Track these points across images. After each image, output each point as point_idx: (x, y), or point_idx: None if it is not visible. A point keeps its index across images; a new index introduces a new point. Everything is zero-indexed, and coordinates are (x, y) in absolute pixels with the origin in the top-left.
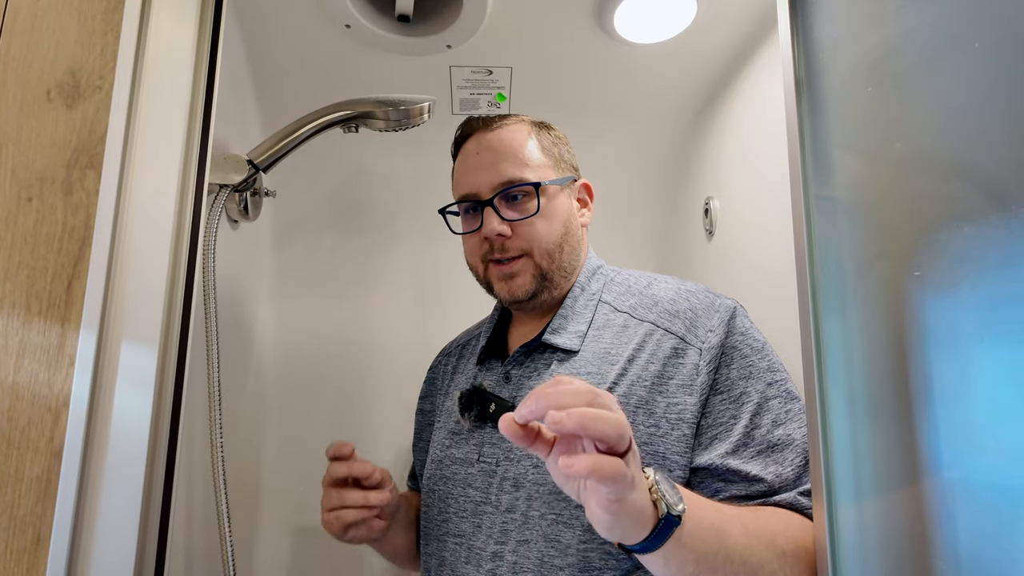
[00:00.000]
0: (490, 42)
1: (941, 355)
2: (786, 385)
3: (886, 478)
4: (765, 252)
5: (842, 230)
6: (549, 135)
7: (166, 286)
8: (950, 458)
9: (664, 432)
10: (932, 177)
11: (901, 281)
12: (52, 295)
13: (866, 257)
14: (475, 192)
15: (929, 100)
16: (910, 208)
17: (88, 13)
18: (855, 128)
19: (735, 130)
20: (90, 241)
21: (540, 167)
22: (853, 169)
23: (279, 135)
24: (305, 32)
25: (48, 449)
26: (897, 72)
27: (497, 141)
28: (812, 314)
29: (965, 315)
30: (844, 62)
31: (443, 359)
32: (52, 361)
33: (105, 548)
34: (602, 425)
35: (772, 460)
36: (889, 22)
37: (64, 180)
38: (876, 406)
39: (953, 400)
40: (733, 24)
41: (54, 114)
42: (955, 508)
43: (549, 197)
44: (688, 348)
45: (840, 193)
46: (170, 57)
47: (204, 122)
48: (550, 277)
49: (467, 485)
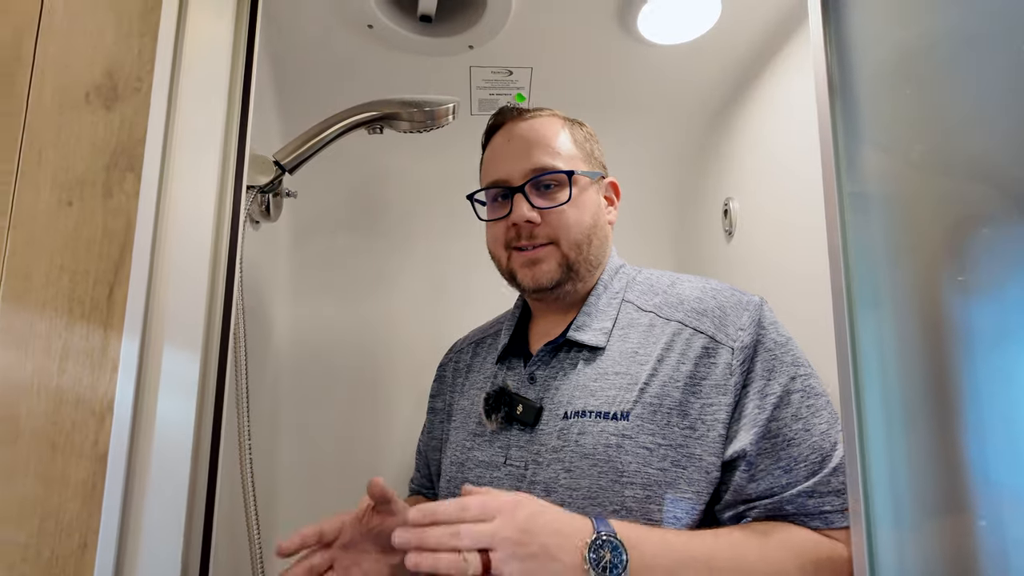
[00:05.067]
0: (512, 43)
1: (983, 357)
2: (809, 380)
3: (927, 488)
4: (787, 252)
5: (876, 229)
6: (581, 130)
7: (207, 289)
8: (996, 465)
9: (700, 434)
10: (971, 174)
11: (939, 281)
12: (94, 299)
13: (902, 256)
14: (506, 178)
15: (963, 98)
16: (947, 206)
17: (125, 14)
18: (888, 126)
19: (756, 130)
20: (131, 245)
21: (572, 158)
22: (886, 167)
23: (305, 136)
24: (327, 32)
25: (93, 453)
26: (932, 69)
27: (530, 130)
28: (847, 316)
29: (1010, 315)
30: (876, 60)
31: (454, 356)
32: (96, 365)
33: (151, 553)
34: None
35: (787, 455)
36: (923, 19)
37: (104, 183)
38: (914, 410)
39: (998, 405)
40: (756, 25)
41: (92, 116)
42: (1003, 517)
43: (580, 188)
44: (720, 347)
45: (873, 191)
46: (208, 57)
47: (241, 122)
48: (576, 268)
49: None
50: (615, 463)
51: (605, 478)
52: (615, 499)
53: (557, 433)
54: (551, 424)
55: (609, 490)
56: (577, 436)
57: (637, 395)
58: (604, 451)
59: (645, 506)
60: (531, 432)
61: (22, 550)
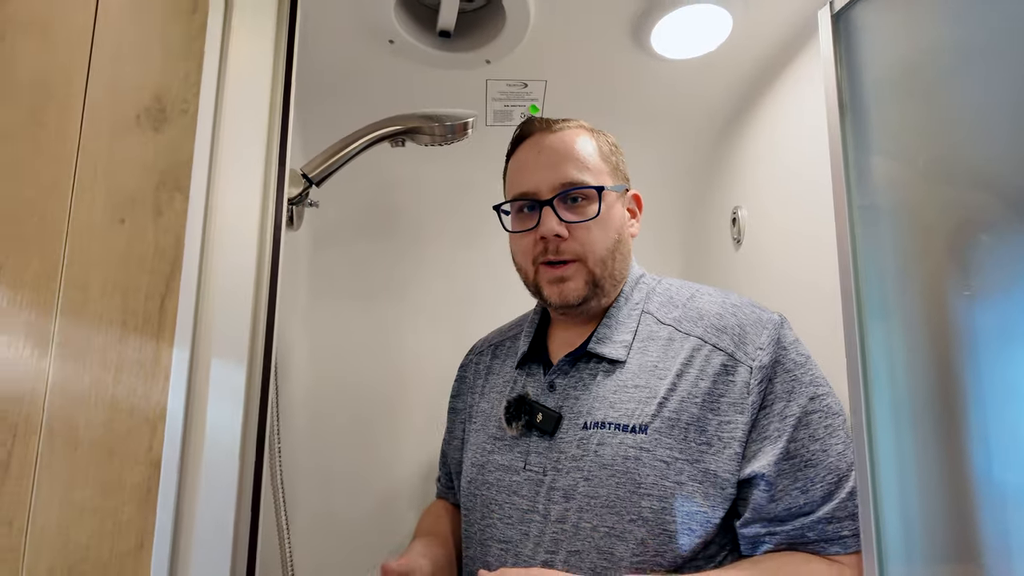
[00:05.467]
0: (528, 57)
1: (993, 368)
2: (827, 400)
3: (934, 494)
4: (793, 261)
5: (885, 240)
6: (607, 142)
7: (252, 301)
8: (1000, 471)
9: (716, 450)
10: (974, 184)
11: (947, 291)
12: (146, 312)
13: (911, 267)
14: (534, 191)
15: (968, 109)
16: (954, 216)
17: (172, 40)
18: (896, 138)
19: (764, 141)
20: (180, 260)
21: (600, 172)
22: (895, 178)
23: (332, 150)
24: (349, 47)
25: (147, 459)
26: (937, 82)
27: (559, 142)
28: (857, 326)
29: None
30: (884, 75)
31: (474, 357)
32: (148, 375)
33: (203, 551)
34: None
35: (804, 476)
36: (929, 33)
37: (153, 202)
38: (923, 419)
39: (1006, 416)
40: (765, 41)
41: (142, 138)
42: (1006, 522)
43: (608, 204)
44: (738, 365)
45: (883, 203)
46: (249, 78)
47: (282, 139)
48: (601, 284)
49: (512, 492)
50: (633, 475)
51: (623, 488)
52: (632, 509)
53: (577, 442)
54: (570, 433)
55: (627, 500)
56: (596, 447)
57: (656, 409)
58: (623, 463)
59: (661, 516)
60: (550, 439)
61: (83, 550)
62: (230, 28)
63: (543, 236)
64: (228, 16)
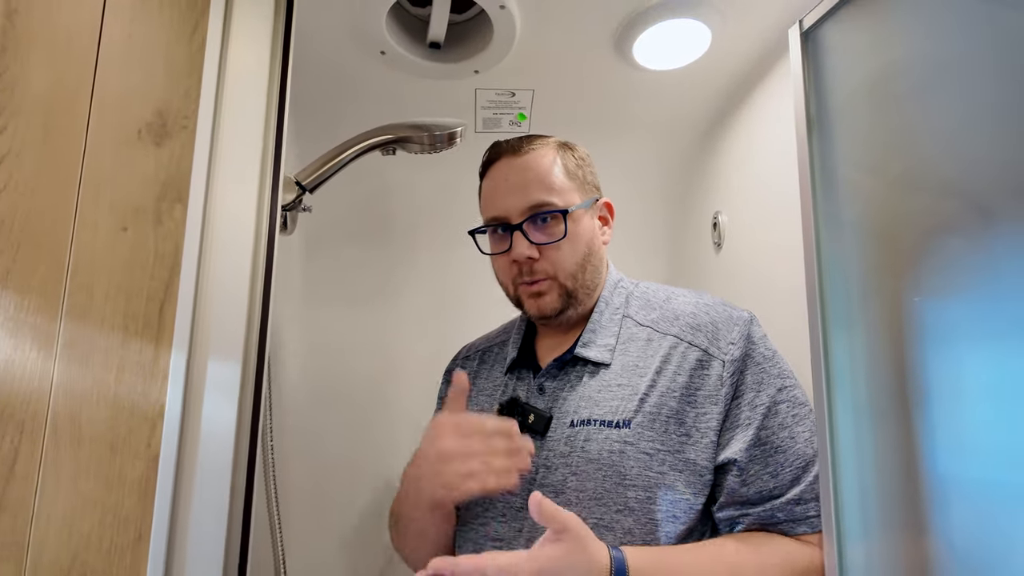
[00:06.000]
0: (515, 67)
1: (941, 364)
2: (794, 391)
3: (888, 479)
4: (771, 265)
5: (848, 246)
6: (574, 157)
7: (246, 305)
8: (945, 459)
9: (695, 440)
10: (930, 194)
11: (903, 296)
12: (147, 316)
13: (871, 272)
14: (504, 215)
15: (931, 124)
16: (910, 224)
17: (174, 58)
18: (861, 152)
19: (743, 148)
20: (179, 268)
21: (566, 191)
22: (858, 190)
23: (324, 158)
24: (342, 58)
25: (147, 454)
26: (901, 98)
27: (526, 166)
28: (821, 330)
29: (974, 322)
30: (850, 89)
31: (461, 362)
32: (148, 375)
33: (198, 542)
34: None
35: (774, 461)
36: (893, 49)
37: (154, 212)
38: (880, 414)
39: (953, 406)
40: (742, 54)
41: (144, 151)
42: (950, 504)
43: (575, 221)
44: (712, 360)
45: (847, 213)
46: (246, 92)
47: (276, 150)
48: (575, 295)
49: (506, 491)
50: (618, 467)
51: (609, 481)
52: (619, 500)
53: (564, 440)
54: (559, 432)
55: (613, 492)
56: (583, 443)
57: (637, 405)
58: (608, 456)
59: (646, 506)
60: (541, 439)
61: (86, 540)
62: (228, 46)
63: (515, 260)
64: (227, 34)
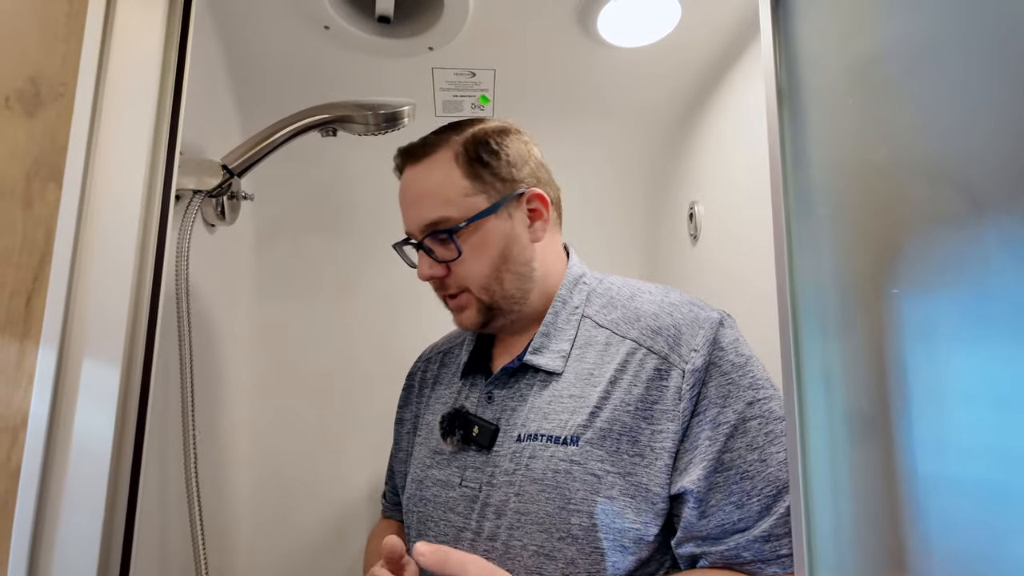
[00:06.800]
0: (473, 44)
1: (922, 368)
2: (768, 404)
3: (866, 507)
4: (747, 256)
5: (821, 239)
6: (486, 151)
7: (130, 299)
8: (924, 464)
9: (648, 462)
10: (908, 185)
11: (880, 291)
12: (11, 311)
13: (846, 265)
14: (409, 232)
15: (906, 109)
16: (887, 216)
17: (50, 18)
18: (835, 137)
19: (718, 135)
20: (50, 256)
21: (464, 199)
22: (832, 177)
23: (254, 140)
24: (284, 34)
25: (5, 470)
26: (878, 81)
27: (419, 177)
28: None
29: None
30: (825, 71)
31: (423, 365)
32: (9, 379)
33: (64, 570)
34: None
35: (739, 489)
36: (870, 31)
37: (24, 192)
38: (855, 423)
39: (932, 413)
40: (717, 29)
41: (13, 123)
42: (930, 506)
43: (476, 230)
44: (671, 369)
45: (819, 200)
46: (136, 62)
47: (171, 128)
48: (497, 307)
49: (448, 509)
50: (563, 489)
51: (552, 504)
52: (562, 526)
53: (510, 456)
54: (505, 446)
55: (556, 516)
56: (528, 460)
57: (587, 419)
58: (552, 477)
59: (591, 534)
60: (487, 454)
61: None
62: (115, 4)
63: (422, 279)
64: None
